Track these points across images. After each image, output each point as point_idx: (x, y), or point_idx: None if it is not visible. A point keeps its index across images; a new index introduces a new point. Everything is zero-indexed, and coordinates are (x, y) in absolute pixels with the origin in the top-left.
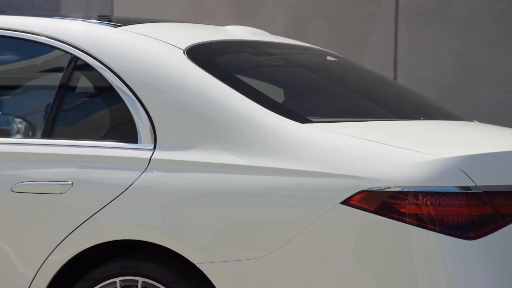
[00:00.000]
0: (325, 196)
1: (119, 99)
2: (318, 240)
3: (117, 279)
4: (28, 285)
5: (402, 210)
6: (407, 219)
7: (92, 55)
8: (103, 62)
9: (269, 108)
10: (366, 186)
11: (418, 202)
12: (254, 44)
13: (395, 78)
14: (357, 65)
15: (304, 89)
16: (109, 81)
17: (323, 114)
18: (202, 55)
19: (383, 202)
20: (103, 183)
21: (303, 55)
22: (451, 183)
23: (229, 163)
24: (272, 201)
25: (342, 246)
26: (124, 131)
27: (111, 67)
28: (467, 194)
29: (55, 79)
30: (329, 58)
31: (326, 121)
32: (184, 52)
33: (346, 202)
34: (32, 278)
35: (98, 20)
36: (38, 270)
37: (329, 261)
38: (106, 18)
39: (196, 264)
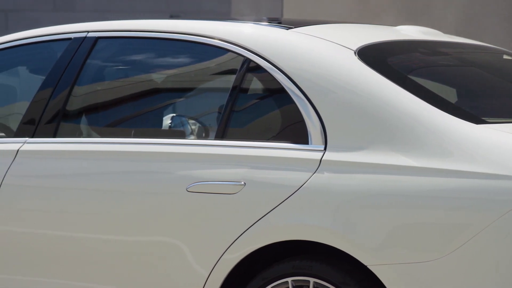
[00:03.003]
0: (502, 199)
1: (290, 101)
2: (493, 244)
3: (289, 279)
4: (204, 283)
5: None
6: None
7: (264, 57)
8: (275, 64)
9: (442, 108)
10: None
11: None
12: (426, 44)
13: None
14: None
15: (478, 89)
16: (280, 83)
17: (499, 114)
18: (373, 55)
19: None
20: (274, 183)
21: (477, 54)
22: None
23: (401, 164)
24: (445, 204)
25: None
26: (295, 132)
27: (282, 69)
28: None
29: (228, 81)
30: (505, 57)
31: (502, 122)
32: (355, 53)
33: None
34: (207, 276)
35: (269, 22)
36: (213, 269)
37: (506, 265)
38: (276, 20)
39: (368, 266)
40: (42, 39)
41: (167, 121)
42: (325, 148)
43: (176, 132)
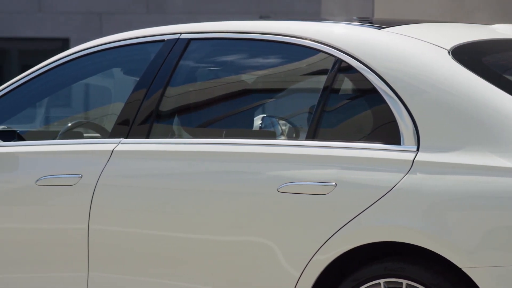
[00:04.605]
0: None
1: (382, 101)
2: None
3: (381, 281)
4: (295, 283)
5: None
6: None
7: (356, 57)
8: (367, 64)
9: None
10: None
11: None
12: None
13: None
14: None
15: None
16: (372, 83)
17: None
18: (468, 55)
19: None
20: (365, 184)
21: None
22: None
23: (497, 165)
24: None
25: None
26: (386, 132)
27: (374, 69)
28: None
29: (319, 81)
30: None
31: None
32: (448, 52)
33: None
34: (298, 276)
35: (360, 22)
36: (304, 269)
37: None
38: (367, 20)
39: (462, 268)
40: (136, 41)
41: (257, 121)
42: (417, 149)
43: (266, 132)
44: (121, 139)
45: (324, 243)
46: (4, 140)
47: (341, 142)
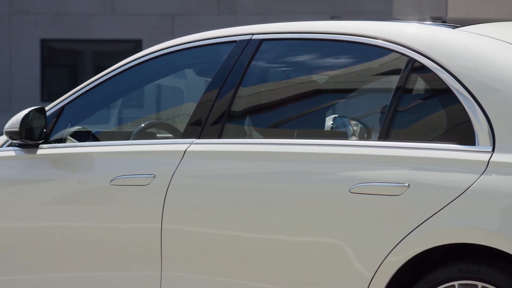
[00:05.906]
0: None
1: (456, 101)
2: None
3: (456, 283)
4: (367, 285)
5: None
6: None
7: (430, 56)
8: (441, 63)
9: None
10: None
11: None
12: None
13: None
14: None
15: None
16: (446, 83)
17: None
18: None
19: None
20: (439, 185)
21: None
22: None
23: None
24: None
25: None
26: (461, 133)
27: (448, 68)
28: None
29: (392, 81)
30: None
31: None
32: None
33: None
34: (371, 277)
35: (433, 21)
36: (377, 270)
37: None
38: (440, 20)
39: None
40: (208, 42)
41: (329, 122)
42: (493, 149)
43: (338, 133)
44: (194, 139)
45: (397, 244)
46: (80, 141)
47: (414, 143)
